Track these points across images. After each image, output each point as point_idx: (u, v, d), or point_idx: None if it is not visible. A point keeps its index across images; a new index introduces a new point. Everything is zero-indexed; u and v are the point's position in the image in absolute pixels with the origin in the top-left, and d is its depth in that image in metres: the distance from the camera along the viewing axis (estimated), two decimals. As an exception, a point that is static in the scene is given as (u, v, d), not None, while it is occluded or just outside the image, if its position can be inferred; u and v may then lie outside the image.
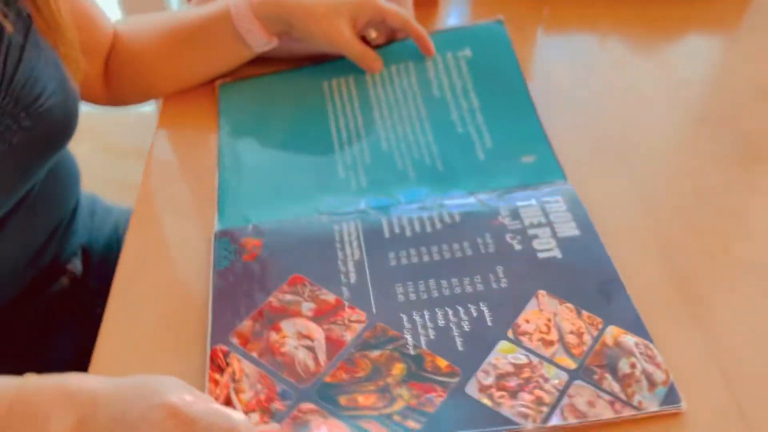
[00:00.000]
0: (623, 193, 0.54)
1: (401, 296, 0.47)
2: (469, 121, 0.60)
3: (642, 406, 0.40)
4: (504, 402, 0.41)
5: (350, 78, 0.65)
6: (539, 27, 0.72)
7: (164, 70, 0.64)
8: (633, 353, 0.43)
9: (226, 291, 0.48)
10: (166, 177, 0.60)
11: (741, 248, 0.50)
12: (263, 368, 0.44)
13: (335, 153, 0.59)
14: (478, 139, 0.58)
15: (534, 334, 0.44)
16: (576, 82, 0.65)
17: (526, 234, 0.50)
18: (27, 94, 0.50)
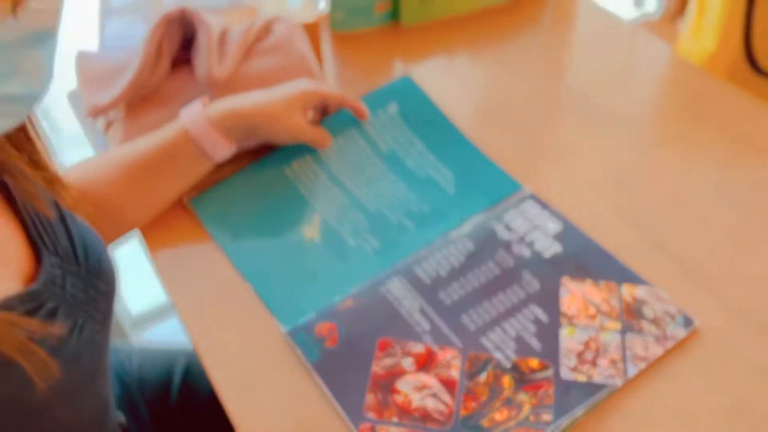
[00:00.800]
0: (565, 180, 0.69)
1: (471, 324, 0.57)
2: (424, 164, 0.70)
3: (676, 336, 0.56)
4: (593, 372, 0.54)
5: (306, 157, 0.71)
6: (402, 63, 0.84)
7: (133, 204, 0.64)
8: (648, 300, 0.58)
9: (333, 378, 0.54)
10: (194, 298, 0.62)
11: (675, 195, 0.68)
12: (409, 427, 0.52)
13: (334, 227, 0.66)
14: (440, 176, 0.69)
15: (580, 315, 0.58)
16: (472, 99, 0.79)
17: (525, 241, 0.63)
18: (91, 259, 0.50)
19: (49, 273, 0.47)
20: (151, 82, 0.67)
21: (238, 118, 0.64)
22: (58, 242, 0.49)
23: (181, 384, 0.72)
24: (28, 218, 0.49)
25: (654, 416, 0.52)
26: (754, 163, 0.70)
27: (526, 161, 0.72)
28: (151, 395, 0.70)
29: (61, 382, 0.44)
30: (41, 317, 0.44)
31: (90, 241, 0.52)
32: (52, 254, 0.48)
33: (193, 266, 0.64)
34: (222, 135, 0.64)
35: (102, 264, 0.52)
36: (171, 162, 0.64)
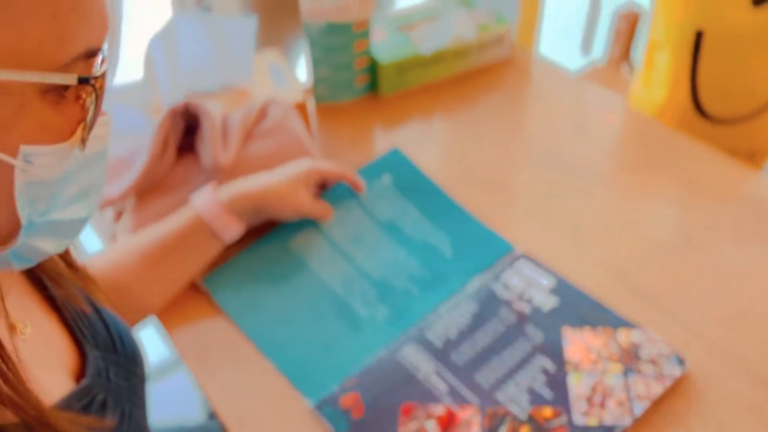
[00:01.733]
0: (547, 235, 0.75)
1: (485, 381, 0.62)
2: (421, 230, 0.75)
3: (673, 374, 0.61)
4: (603, 415, 0.59)
5: (310, 231, 0.75)
6: (383, 130, 0.90)
7: (150, 290, 0.67)
8: (643, 342, 0.64)
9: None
10: (218, 376, 0.64)
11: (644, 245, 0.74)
12: (442, 485, 0.55)
13: (344, 297, 0.70)
14: (437, 241, 0.74)
15: (583, 361, 0.63)
16: (451, 160, 0.85)
17: (524, 298, 0.68)
18: (127, 347, 0.53)
19: (95, 366, 0.49)
20: (159, 172, 0.71)
21: (248, 200, 0.68)
22: (98, 335, 0.52)
23: None
24: (69, 316, 0.51)
25: (662, 452, 0.57)
26: (712, 206, 0.78)
27: (510, 218, 0.77)
28: None
29: None
30: (94, 410, 0.47)
31: (123, 330, 0.55)
32: (94, 347, 0.51)
33: (213, 343, 0.67)
34: (233, 217, 0.67)
35: (136, 350, 0.55)
36: (185, 246, 0.67)
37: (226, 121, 0.73)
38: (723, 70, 0.97)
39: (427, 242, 0.74)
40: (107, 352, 0.51)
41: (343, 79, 0.92)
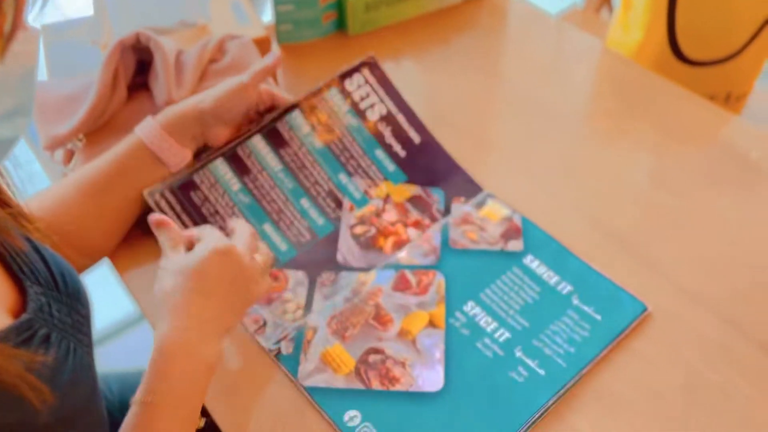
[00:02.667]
0: (517, 177, 0.73)
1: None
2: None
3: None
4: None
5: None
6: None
7: (96, 226, 0.64)
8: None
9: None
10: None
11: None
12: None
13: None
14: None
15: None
16: (421, 101, 0.82)
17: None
18: (70, 284, 0.51)
19: (36, 302, 0.47)
20: (109, 110, 0.67)
21: (187, 116, 0.65)
22: (38, 272, 0.50)
23: None
24: (5, 253, 0.49)
25: (623, 393, 0.56)
26: (684, 149, 0.76)
27: (481, 162, 0.75)
28: None
29: (61, 406, 0.45)
30: (36, 345, 0.45)
31: (65, 268, 0.52)
32: (35, 283, 0.49)
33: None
34: (175, 139, 0.65)
35: (80, 288, 0.53)
36: (127, 174, 0.64)
37: (180, 56, 0.70)
38: (700, 12, 0.94)
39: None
40: (49, 289, 0.49)
41: (308, 16, 0.88)
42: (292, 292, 0.64)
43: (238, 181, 0.69)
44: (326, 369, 0.58)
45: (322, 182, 0.71)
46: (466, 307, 0.62)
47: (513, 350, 0.58)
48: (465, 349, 0.59)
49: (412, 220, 0.70)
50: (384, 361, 0.58)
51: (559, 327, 0.60)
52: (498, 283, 0.63)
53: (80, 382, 0.48)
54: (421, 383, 0.57)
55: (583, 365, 0.57)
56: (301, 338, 0.60)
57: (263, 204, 0.69)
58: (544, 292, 0.62)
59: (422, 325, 0.60)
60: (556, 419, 0.55)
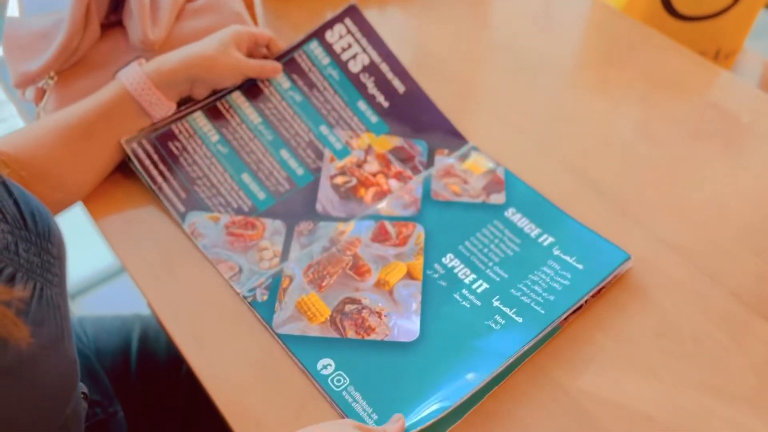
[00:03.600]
0: (501, 128, 0.72)
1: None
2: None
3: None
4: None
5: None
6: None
7: (73, 171, 0.63)
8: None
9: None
10: (145, 260, 0.61)
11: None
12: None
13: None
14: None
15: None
16: (407, 50, 0.80)
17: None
18: (40, 224, 0.49)
19: (2, 240, 0.46)
20: (82, 48, 0.65)
21: (177, 71, 0.63)
22: (5, 209, 0.48)
23: (139, 349, 0.72)
24: None
25: (601, 343, 0.56)
26: (672, 102, 0.75)
27: (465, 112, 0.74)
28: (110, 364, 0.70)
29: (28, 347, 0.44)
30: (1, 283, 0.44)
31: (36, 206, 0.51)
32: (1, 221, 0.47)
33: (142, 231, 0.64)
34: (161, 91, 0.63)
35: (51, 229, 0.51)
36: (109, 122, 0.63)
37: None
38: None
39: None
40: (16, 227, 0.48)
41: (292, -43, 0.85)
42: (269, 240, 0.63)
43: (217, 132, 0.68)
44: (301, 318, 0.57)
45: (303, 134, 0.70)
46: (445, 259, 0.61)
47: (491, 300, 0.58)
48: (442, 300, 0.58)
49: (393, 171, 0.69)
50: (360, 310, 0.58)
51: (539, 277, 0.59)
52: (478, 236, 0.62)
53: (47, 323, 0.47)
54: (396, 333, 0.56)
55: (561, 312, 0.57)
56: (277, 286, 0.59)
57: (242, 155, 0.68)
58: (525, 245, 0.62)
59: (400, 275, 0.60)
60: (533, 368, 0.55)
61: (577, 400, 0.53)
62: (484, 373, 0.53)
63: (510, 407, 0.53)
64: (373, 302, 0.58)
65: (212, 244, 0.62)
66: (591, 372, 0.55)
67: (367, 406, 0.52)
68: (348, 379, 0.54)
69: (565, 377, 0.54)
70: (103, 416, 0.65)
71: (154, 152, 0.66)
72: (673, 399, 0.53)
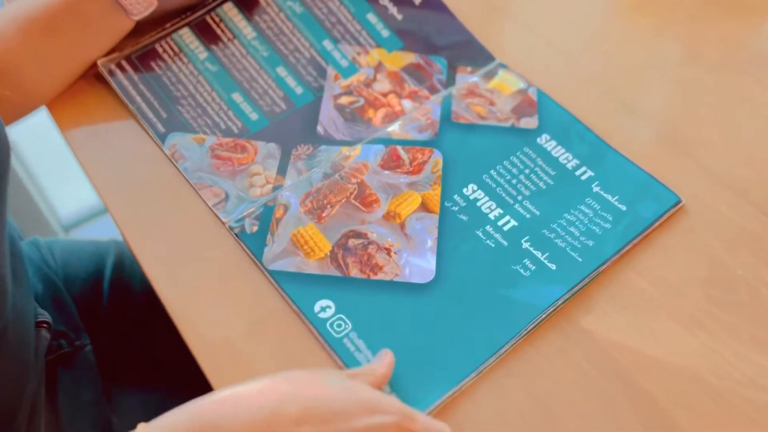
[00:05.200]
0: (534, 47, 0.62)
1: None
2: None
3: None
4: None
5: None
6: None
7: (35, 69, 0.55)
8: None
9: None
10: (117, 180, 0.53)
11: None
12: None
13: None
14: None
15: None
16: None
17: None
18: None
19: None
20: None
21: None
22: None
23: (112, 278, 0.65)
24: None
25: (641, 290, 0.48)
26: (725, 23, 0.64)
27: (491, 24, 0.64)
28: (79, 291, 0.63)
29: None
30: None
31: None
32: None
33: (114, 145, 0.55)
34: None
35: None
36: (76, 17, 0.54)
37: None
38: None
39: None
40: None
41: None
42: (261, 164, 0.54)
43: (206, 49, 0.60)
44: (297, 252, 0.49)
45: (303, 49, 0.61)
46: (467, 190, 0.52)
47: (519, 240, 0.49)
48: (462, 237, 0.49)
49: (407, 91, 0.59)
50: (366, 246, 0.49)
51: (576, 217, 0.50)
52: (506, 164, 0.53)
53: None
54: (408, 273, 0.48)
55: (601, 261, 0.48)
56: (270, 216, 0.51)
57: (233, 73, 0.59)
58: (560, 177, 0.53)
59: (413, 207, 0.51)
60: (563, 318, 0.46)
61: (611, 355, 0.44)
62: (512, 328, 0.45)
63: (534, 363, 0.44)
64: (382, 237, 0.49)
65: (195, 168, 0.54)
66: (628, 322, 0.46)
67: (371, 355, 0.44)
68: (350, 324, 0.45)
69: (598, 328, 0.46)
70: (68, 348, 0.58)
71: (134, 72, 0.58)
72: (722, 355, 0.44)
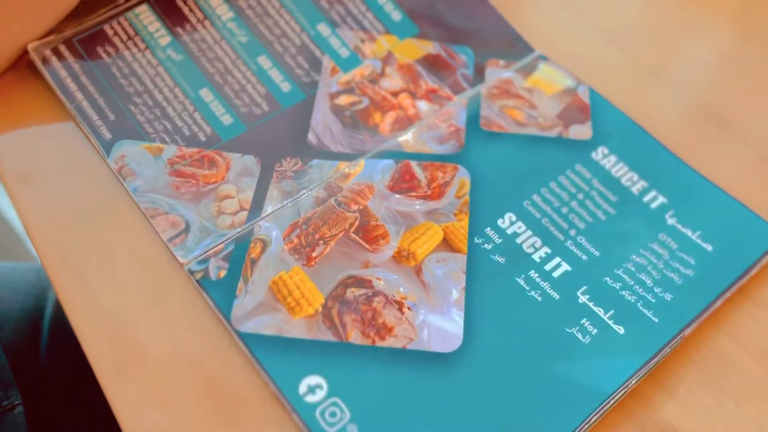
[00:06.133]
0: (575, 34, 0.50)
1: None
2: None
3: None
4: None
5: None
6: None
7: None
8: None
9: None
10: (48, 208, 0.41)
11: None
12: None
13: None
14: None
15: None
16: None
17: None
18: None
19: None
20: None
21: None
22: None
23: (53, 318, 0.55)
24: None
25: (731, 355, 0.35)
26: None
27: (528, 6, 0.52)
28: (11, 335, 0.53)
29: None
30: None
31: None
32: None
33: (46, 156, 0.43)
34: None
35: None
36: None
37: None
38: None
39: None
40: None
41: None
42: (234, 184, 0.42)
43: (169, 33, 0.47)
44: (278, 307, 0.36)
45: (293, 34, 0.48)
46: (503, 221, 0.40)
47: (574, 292, 0.37)
48: (498, 287, 0.37)
49: (424, 89, 0.47)
50: (370, 299, 0.37)
51: (647, 260, 0.38)
52: (552, 187, 0.41)
53: None
54: (426, 338, 0.35)
55: (685, 322, 0.36)
56: (242, 256, 0.38)
57: (202, 62, 0.47)
58: (623, 204, 0.40)
59: (433, 245, 0.39)
60: (635, 404, 0.34)
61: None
62: (569, 419, 0.32)
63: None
64: (391, 285, 0.37)
65: (148, 188, 0.41)
66: (724, 412, 0.34)
67: (376, 459, 0.32)
68: (348, 412, 0.33)
69: (682, 418, 0.34)
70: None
71: (74, 61, 0.46)
72: None
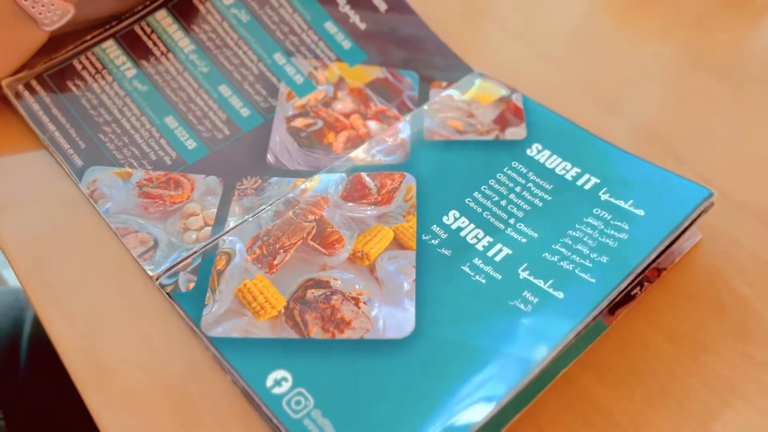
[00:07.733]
0: (511, 48, 0.54)
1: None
2: None
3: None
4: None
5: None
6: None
7: None
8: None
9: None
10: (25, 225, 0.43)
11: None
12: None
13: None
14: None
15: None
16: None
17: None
18: None
19: None
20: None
21: None
22: None
23: (32, 336, 0.56)
24: None
25: (652, 345, 0.39)
26: (738, 22, 0.57)
27: (467, 31, 0.56)
28: None
29: None
30: None
31: None
32: None
33: (20, 183, 0.46)
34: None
35: None
36: None
37: None
38: None
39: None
40: None
41: None
42: (198, 203, 0.45)
43: (134, 65, 0.51)
44: (243, 312, 0.39)
45: (251, 64, 0.52)
46: (447, 218, 0.43)
47: (516, 271, 0.40)
48: (446, 276, 0.40)
49: (374, 110, 0.51)
50: (328, 297, 0.40)
51: (583, 232, 0.41)
52: (492, 184, 0.44)
53: None
54: (381, 327, 0.38)
55: (622, 276, 0.38)
56: (209, 268, 0.41)
57: (166, 93, 0.50)
58: (559, 190, 0.44)
59: (384, 244, 0.42)
60: (564, 381, 0.37)
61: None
62: (509, 380, 0.35)
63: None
64: (347, 284, 0.40)
65: (119, 209, 0.44)
66: (647, 391, 0.37)
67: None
68: (312, 399, 0.36)
69: (608, 397, 0.36)
70: None
71: (46, 94, 0.49)
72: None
